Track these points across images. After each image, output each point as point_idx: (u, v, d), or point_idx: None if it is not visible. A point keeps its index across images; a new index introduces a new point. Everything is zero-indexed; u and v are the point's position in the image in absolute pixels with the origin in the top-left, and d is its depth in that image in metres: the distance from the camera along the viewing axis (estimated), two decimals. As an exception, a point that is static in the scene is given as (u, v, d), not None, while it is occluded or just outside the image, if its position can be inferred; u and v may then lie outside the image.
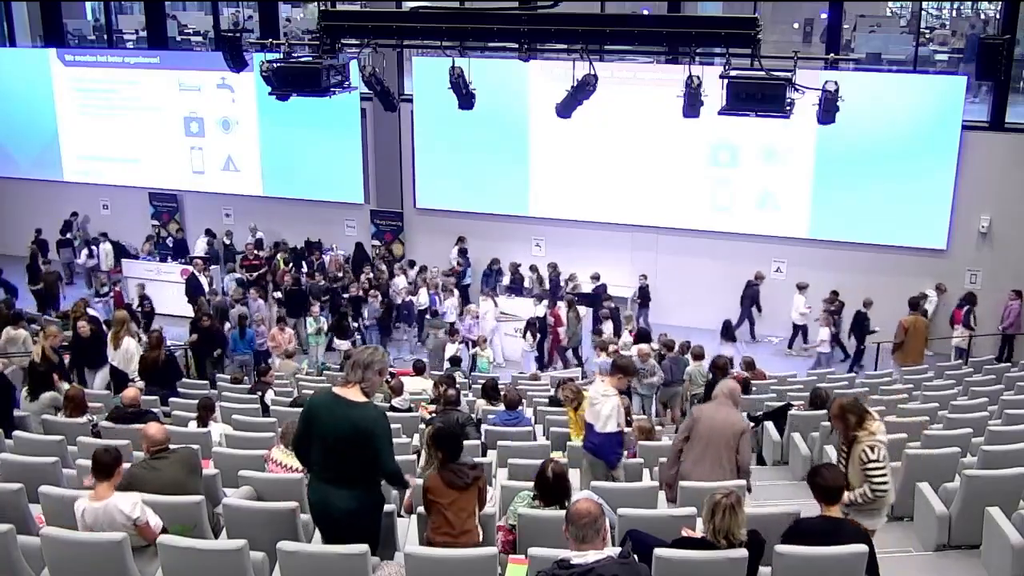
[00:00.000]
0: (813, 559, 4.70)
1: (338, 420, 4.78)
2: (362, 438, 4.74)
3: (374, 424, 4.78)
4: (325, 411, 4.85)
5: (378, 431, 4.79)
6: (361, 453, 4.76)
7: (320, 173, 18.03)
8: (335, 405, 4.82)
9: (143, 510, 5.17)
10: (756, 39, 10.02)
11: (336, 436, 4.78)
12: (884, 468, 5.34)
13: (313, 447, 4.91)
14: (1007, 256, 14.66)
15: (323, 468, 4.91)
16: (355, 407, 4.78)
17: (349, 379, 4.87)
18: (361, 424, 4.75)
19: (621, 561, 3.92)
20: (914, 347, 13.24)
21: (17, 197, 19.83)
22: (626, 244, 16.65)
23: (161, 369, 10.54)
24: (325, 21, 11.51)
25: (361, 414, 4.77)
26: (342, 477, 4.83)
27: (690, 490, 6.07)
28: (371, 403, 4.89)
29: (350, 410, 4.77)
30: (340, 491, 4.84)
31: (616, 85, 14.78)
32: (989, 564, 6.03)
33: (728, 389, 6.50)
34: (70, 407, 8.25)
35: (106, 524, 5.12)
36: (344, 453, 4.79)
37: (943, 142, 14.55)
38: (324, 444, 4.84)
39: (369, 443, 4.75)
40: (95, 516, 5.15)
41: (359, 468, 4.80)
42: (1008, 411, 8.93)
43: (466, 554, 4.80)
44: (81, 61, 19.16)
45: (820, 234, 15.51)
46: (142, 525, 5.14)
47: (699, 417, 6.38)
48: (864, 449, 5.36)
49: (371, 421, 4.78)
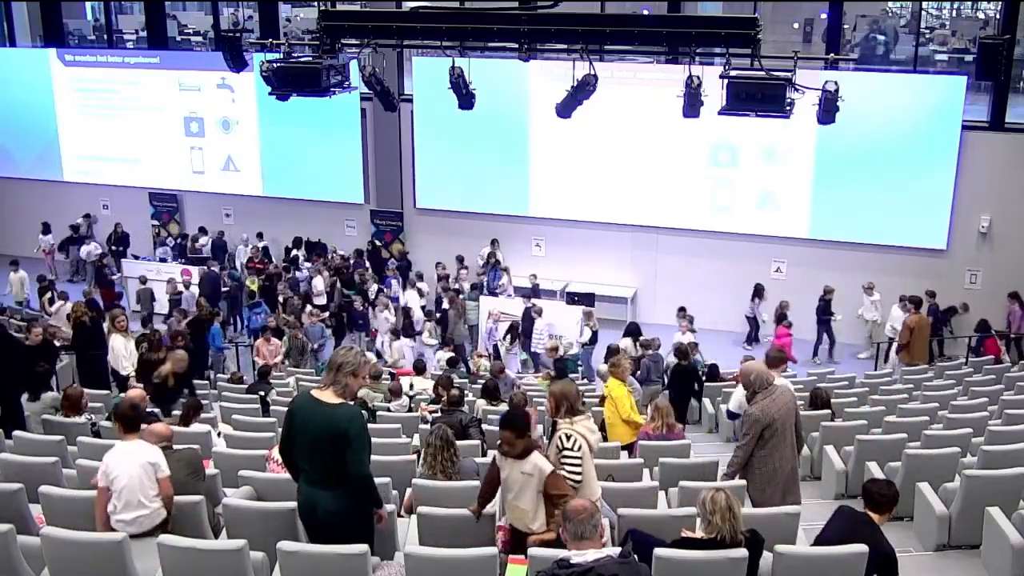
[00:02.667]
0: (813, 559, 4.70)
1: (315, 422, 4.78)
2: (337, 439, 4.73)
3: (348, 424, 4.75)
4: (303, 413, 4.86)
5: (351, 432, 4.75)
6: (339, 454, 4.75)
7: (320, 173, 18.03)
8: (312, 407, 4.83)
9: (164, 465, 5.41)
10: (756, 39, 10.02)
11: (314, 438, 4.79)
12: (579, 458, 5.25)
13: (296, 449, 4.93)
14: (1007, 256, 14.66)
15: (307, 470, 4.93)
16: (329, 408, 4.78)
17: (324, 381, 4.89)
18: (334, 425, 4.74)
19: (621, 560, 3.93)
20: (919, 346, 13.28)
21: (17, 197, 19.83)
22: (626, 244, 16.65)
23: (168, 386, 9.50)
24: (325, 21, 11.51)
25: (334, 414, 4.76)
26: (323, 479, 4.84)
27: (690, 490, 6.08)
28: (345, 404, 4.85)
29: (324, 411, 4.77)
30: (323, 492, 4.84)
31: (616, 85, 14.78)
32: (989, 564, 6.03)
33: (758, 377, 6.44)
34: (67, 406, 8.25)
35: (130, 462, 5.32)
36: (323, 455, 4.79)
37: (943, 142, 14.55)
38: (305, 446, 4.86)
39: (341, 444, 4.73)
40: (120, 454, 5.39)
41: (338, 469, 4.78)
42: (1008, 411, 8.93)
43: (466, 554, 4.79)
44: (81, 61, 19.16)
45: (820, 234, 15.50)
46: (163, 477, 5.36)
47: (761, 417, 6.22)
48: (561, 436, 5.32)
49: (344, 421, 4.75)
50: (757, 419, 6.20)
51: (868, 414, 9.16)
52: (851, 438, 7.97)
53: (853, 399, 10.36)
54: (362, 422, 4.89)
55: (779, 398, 6.29)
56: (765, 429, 6.21)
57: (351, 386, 4.86)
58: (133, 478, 5.27)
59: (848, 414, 9.24)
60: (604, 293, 16.28)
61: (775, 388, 6.38)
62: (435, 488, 5.95)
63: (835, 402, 9.47)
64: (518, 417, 5.32)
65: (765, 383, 6.35)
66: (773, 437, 6.22)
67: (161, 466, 5.38)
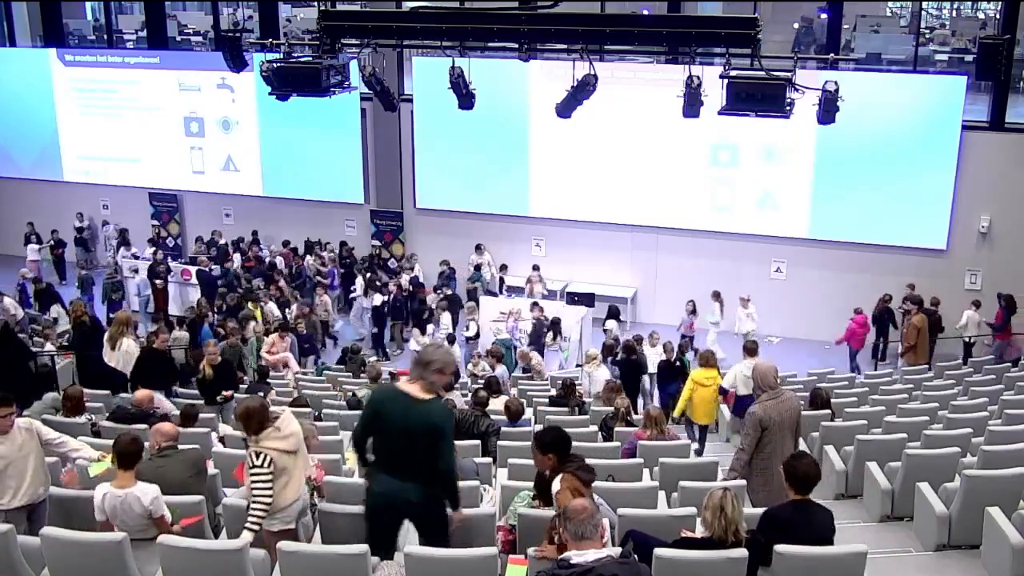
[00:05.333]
0: (813, 559, 4.70)
1: (407, 415, 4.88)
2: (431, 433, 4.86)
3: (443, 421, 4.94)
4: (391, 405, 4.98)
5: (446, 428, 4.94)
6: (426, 447, 4.86)
7: (320, 173, 18.03)
8: (402, 400, 4.93)
9: (160, 503, 5.27)
10: (756, 39, 10.02)
11: (400, 430, 4.90)
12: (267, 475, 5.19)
13: (376, 440, 5.03)
14: (1007, 256, 14.66)
15: (388, 461, 5.00)
16: (419, 403, 4.88)
17: (412, 376, 5.01)
18: (430, 420, 4.87)
19: (621, 561, 3.92)
20: (923, 346, 13.30)
21: (17, 197, 19.83)
22: (626, 244, 16.65)
23: (151, 364, 10.08)
24: (325, 21, 11.50)
25: (430, 409, 4.89)
26: (410, 471, 4.92)
27: (690, 490, 6.08)
28: (436, 399, 4.97)
29: (418, 406, 4.88)
30: (405, 484, 4.92)
31: (616, 85, 14.78)
32: (989, 564, 6.03)
33: (760, 375, 6.57)
34: (68, 406, 8.24)
35: (124, 513, 5.21)
36: (413, 448, 4.88)
37: (943, 142, 14.55)
38: (389, 438, 4.96)
39: (431, 438, 4.85)
40: (115, 504, 5.22)
41: (427, 463, 4.89)
42: (1008, 411, 8.94)
43: (466, 554, 4.80)
44: (81, 61, 19.16)
45: (820, 234, 15.50)
46: (157, 518, 5.24)
47: (762, 417, 6.31)
48: (251, 453, 5.27)
49: (440, 417, 4.92)
50: (759, 419, 6.33)
51: (868, 414, 9.16)
52: (851, 438, 7.98)
53: (853, 399, 10.36)
54: (452, 419, 5.06)
55: (784, 403, 6.42)
56: (764, 431, 6.29)
57: (437, 382, 4.97)
58: (128, 523, 5.20)
59: (848, 414, 9.24)
60: (604, 293, 16.28)
61: (782, 392, 6.50)
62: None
63: (835, 402, 9.47)
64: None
65: (767, 385, 6.46)
66: (772, 441, 6.30)
67: (158, 506, 5.25)
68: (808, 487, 4.99)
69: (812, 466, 5.05)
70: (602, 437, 8.55)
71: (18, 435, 5.69)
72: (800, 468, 5.00)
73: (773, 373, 6.59)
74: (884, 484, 7.24)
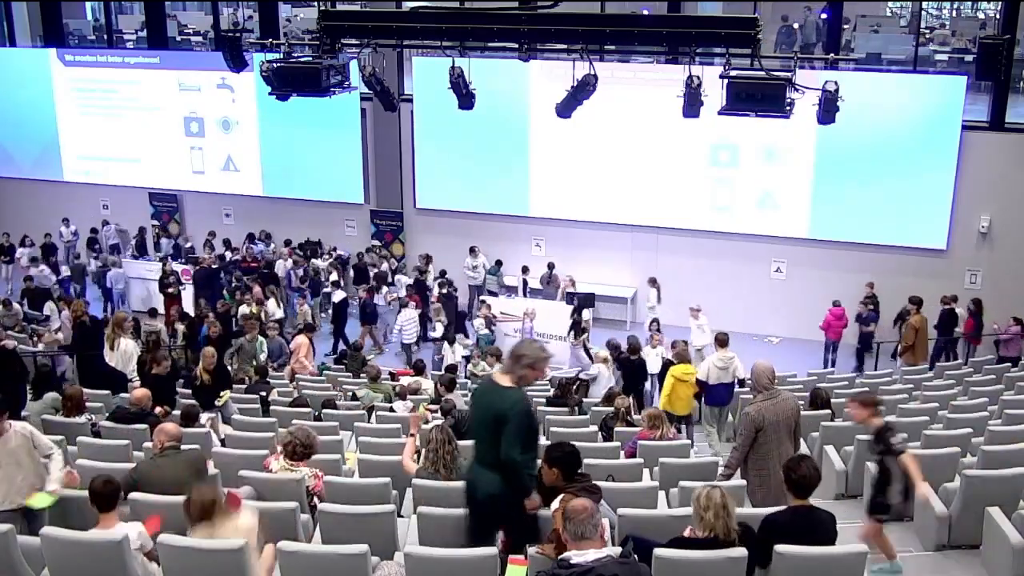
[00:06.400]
0: (813, 559, 4.70)
1: (486, 401, 5.07)
2: (499, 418, 4.91)
3: (511, 406, 4.93)
4: (481, 393, 5.21)
5: (511, 413, 4.90)
6: (495, 433, 4.92)
7: (320, 173, 18.02)
8: (489, 387, 5.12)
9: (147, 539, 5.11)
10: (756, 39, 10.02)
11: (482, 416, 5.07)
12: None
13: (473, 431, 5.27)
14: (1007, 256, 14.66)
15: (478, 450, 5.16)
16: (501, 389, 5.00)
17: (503, 368, 5.17)
18: (500, 405, 4.94)
19: (621, 561, 3.93)
20: (922, 346, 13.31)
21: (17, 197, 19.82)
22: (626, 244, 16.64)
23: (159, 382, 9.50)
24: (325, 21, 11.49)
25: (503, 395, 4.98)
26: (487, 459, 5.01)
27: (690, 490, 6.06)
28: (516, 388, 5.03)
29: (497, 392, 5.02)
30: (486, 473, 5.01)
31: (616, 85, 14.77)
32: (989, 564, 6.03)
33: (756, 375, 6.60)
34: (68, 406, 8.25)
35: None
36: (487, 434, 5.00)
37: (943, 142, 14.54)
38: (474, 425, 5.24)
39: (498, 424, 4.90)
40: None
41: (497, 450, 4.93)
42: (1008, 411, 8.93)
43: (466, 554, 4.80)
44: (81, 61, 19.15)
45: (820, 234, 15.50)
46: (146, 552, 5.14)
47: (756, 417, 6.34)
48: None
49: (509, 403, 4.95)
50: (753, 419, 6.38)
51: (868, 414, 9.13)
52: (851, 438, 7.98)
53: (853, 399, 10.34)
54: (524, 407, 5.01)
55: (780, 404, 6.43)
56: (759, 432, 6.30)
57: (527, 377, 5.05)
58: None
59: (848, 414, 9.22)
60: (604, 293, 16.29)
61: (778, 392, 6.51)
62: (435, 488, 5.95)
63: (835, 402, 9.46)
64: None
65: (762, 385, 6.48)
66: (768, 441, 6.30)
67: (146, 542, 5.10)
68: (807, 491, 4.95)
69: (811, 470, 5.00)
70: (602, 437, 8.55)
71: (12, 439, 5.68)
72: (798, 472, 4.96)
73: (769, 374, 6.59)
74: (884, 484, 7.22)
